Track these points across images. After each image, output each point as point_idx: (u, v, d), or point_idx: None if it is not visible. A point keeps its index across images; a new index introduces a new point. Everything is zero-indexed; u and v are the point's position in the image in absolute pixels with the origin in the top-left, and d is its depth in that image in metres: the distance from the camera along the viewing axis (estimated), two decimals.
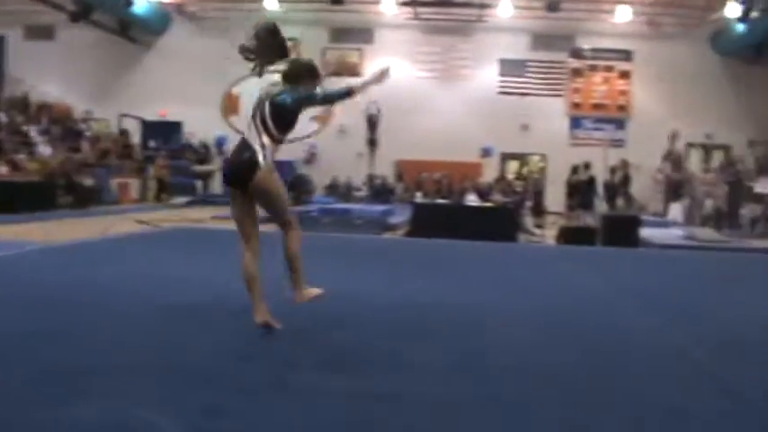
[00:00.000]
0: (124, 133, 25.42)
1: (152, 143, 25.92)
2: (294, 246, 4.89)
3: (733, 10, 21.57)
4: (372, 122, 23.91)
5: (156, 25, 26.08)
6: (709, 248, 13.48)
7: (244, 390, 3.67)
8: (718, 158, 24.71)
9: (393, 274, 8.27)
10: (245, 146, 4.82)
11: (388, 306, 6.21)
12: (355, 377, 4.01)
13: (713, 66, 25.28)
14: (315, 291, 5.01)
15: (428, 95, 25.58)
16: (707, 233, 15.48)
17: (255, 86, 5.21)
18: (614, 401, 3.79)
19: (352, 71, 25.46)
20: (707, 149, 24.94)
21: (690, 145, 22.93)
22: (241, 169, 4.77)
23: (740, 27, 22.29)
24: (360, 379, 3.97)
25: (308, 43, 25.61)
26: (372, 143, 24.15)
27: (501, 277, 8.77)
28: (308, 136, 23.44)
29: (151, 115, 25.92)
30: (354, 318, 5.63)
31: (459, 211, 15.14)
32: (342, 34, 26.28)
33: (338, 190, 24.53)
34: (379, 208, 17.43)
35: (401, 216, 16.06)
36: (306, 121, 24.56)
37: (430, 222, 13.79)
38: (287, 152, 24.31)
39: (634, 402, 3.77)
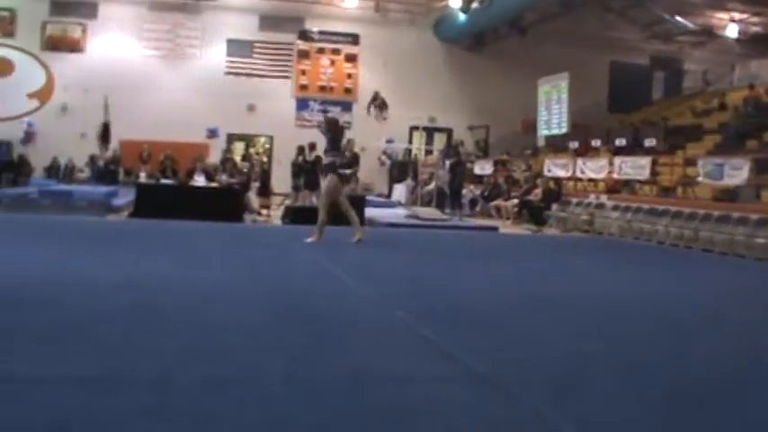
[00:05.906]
0: None
1: None
2: None
3: (456, 0, 23.10)
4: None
5: None
6: (430, 227, 14.58)
7: None
8: (440, 141, 26.59)
9: (116, 256, 8.00)
10: None
11: (113, 288, 6.00)
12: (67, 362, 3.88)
13: (436, 52, 27.14)
14: None
15: (154, 74, 25.11)
16: (429, 212, 16.68)
17: None
18: (338, 374, 3.90)
19: (74, 47, 24.52)
20: (429, 132, 26.34)
21: (414, 128, 24.21)
22: None
23: (462, 17, 23.99)
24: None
25: (27, 16, 24.44)
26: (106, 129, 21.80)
27: (228, 257, 8.79)
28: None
29: None
30: (74, 300, 5.43)
31: (185, 191, 15.28)
32: (64, 7, 24.82)
33: (58, 171, 23.41)
34: (103, 189, 17.04)
35: (126, 197, 15.88)
36: (24, 99, 23.79)
37: (155, 203, 13.84)
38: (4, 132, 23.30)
39: (359, 372, 3.94)
